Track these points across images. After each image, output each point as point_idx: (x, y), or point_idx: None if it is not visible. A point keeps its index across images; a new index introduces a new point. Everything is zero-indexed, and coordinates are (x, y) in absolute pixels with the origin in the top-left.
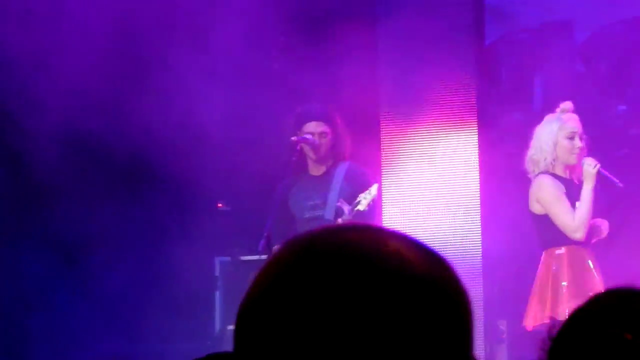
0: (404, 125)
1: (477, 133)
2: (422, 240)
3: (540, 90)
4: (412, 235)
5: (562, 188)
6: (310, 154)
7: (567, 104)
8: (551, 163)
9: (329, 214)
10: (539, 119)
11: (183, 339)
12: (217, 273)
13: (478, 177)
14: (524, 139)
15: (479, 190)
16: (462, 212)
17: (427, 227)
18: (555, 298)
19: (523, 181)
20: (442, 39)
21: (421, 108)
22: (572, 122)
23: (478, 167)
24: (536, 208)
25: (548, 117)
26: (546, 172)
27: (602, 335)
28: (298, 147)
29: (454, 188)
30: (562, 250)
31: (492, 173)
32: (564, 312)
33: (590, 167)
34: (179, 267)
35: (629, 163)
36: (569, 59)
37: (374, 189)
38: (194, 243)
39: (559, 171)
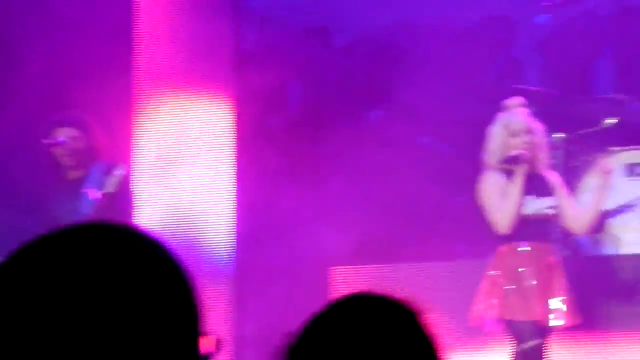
0: (160, 126)
1: (235, 135)
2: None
3: (297, 95)
4: (161, 225)
5: (502, 183)
6: (63, 159)
7: (514, 100)
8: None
9: (85, 208)
10: (296, 123)
11: None
12: None
13: (235, 181)
14: (281, 141)
15: (235, 190)
16: (216, 218)
17: (178, 228)
18: (521, 295)
19: (280, 186)
20: (199, 42)
21: (178, 111)
22: (516, 118)
23: (235, 171)
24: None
25: (498, 117)
26: (493, 168)
27: (333, 342)
28: (50, 150)
29: (210, 193)
30: (526, 247)
31: (249, 178)
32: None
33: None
34: None
35: (385, 166)
36: (326, 65)
37: (118, 170)
38: None
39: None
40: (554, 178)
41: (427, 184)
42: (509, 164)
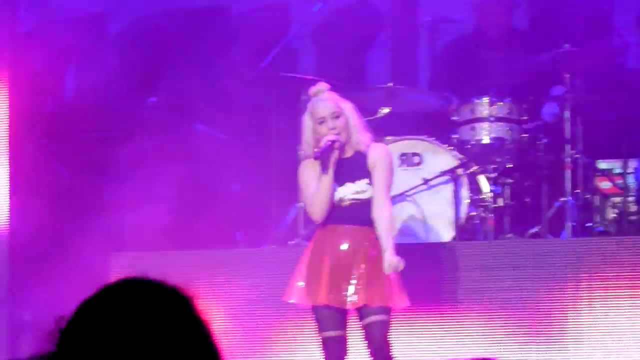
0: None
1: (8, 123)
2: None
3: (73, 82)
4: None
5: (316, 171)
6: None
7: (318, 87)
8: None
9: None
10: (72, 111)
11: None
12: None
13: (8, 167)
14: (57, 126)
15: (8, 183)
16: None
17: None
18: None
19: (57, 171)
20: None
21: None
22: (321, 104)
23: (8, 154)
24: None
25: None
26: (308, 157)
27: (102, 325)
28: None
29: None
30: (339, 231)
31: (24, 161)
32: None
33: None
34: None
35: (163, 154)
36: (102, 51)
37: None
38: None
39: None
40: (374, 156)
41: (205, 172)
42: (319, 158)
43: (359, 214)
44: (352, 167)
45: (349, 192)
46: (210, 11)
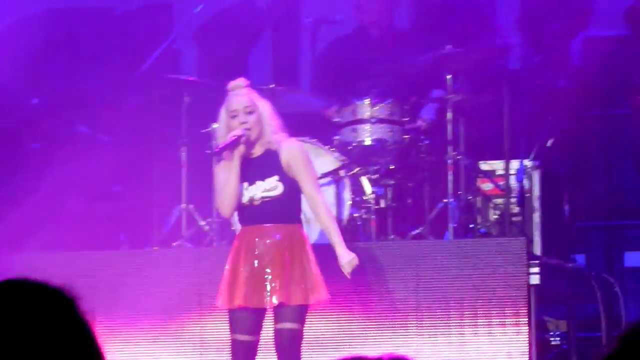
0: None
1: None
2: None
3: None
4: None
5: (224, 168)
6: None
7: (237, 82)
8: None
9: None
10: None
11: None
12: None
13: None
14: None
15: None
16: None
17: None
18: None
19: None
20: None
21: None
22: (235, 99)
23: None
24: None
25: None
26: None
27: None
28: None
29: None
30: (258, 228)
31: None
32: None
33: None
34: None
35: (43, 156)
36: None
37: None
38: None
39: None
40: (287, 154)
41: (87, 173)
42: (220, 152)
43: (271, 212)
44: (263, 165)
45: (259, 190)
46: (94, 11)
